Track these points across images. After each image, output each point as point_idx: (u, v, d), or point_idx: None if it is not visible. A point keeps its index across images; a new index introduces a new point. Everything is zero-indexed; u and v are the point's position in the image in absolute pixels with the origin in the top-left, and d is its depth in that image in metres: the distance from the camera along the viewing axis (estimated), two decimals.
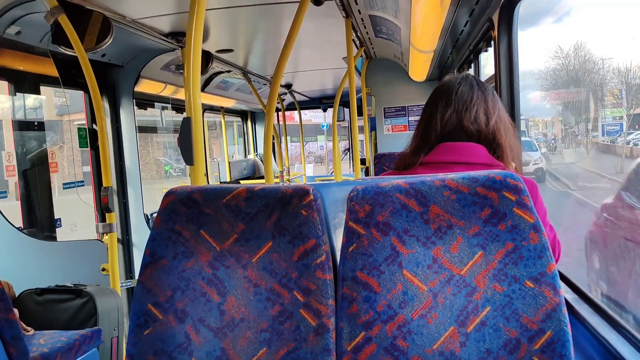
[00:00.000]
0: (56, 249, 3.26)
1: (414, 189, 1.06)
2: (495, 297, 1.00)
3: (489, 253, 1.02)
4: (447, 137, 1.42)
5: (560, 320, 0.97)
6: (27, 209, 3.44)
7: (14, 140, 3.43)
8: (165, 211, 1.16)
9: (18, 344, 1.92)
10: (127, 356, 1.13)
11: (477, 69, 3.34)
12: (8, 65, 3.27)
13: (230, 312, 1.10)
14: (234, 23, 3.52)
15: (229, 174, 7.38)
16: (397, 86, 5.60)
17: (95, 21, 2.79)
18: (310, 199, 1.09)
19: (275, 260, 1.10)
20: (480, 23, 2.71)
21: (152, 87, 4.50)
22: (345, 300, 1.05)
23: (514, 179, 1.03)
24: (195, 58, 1.53)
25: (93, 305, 2.65)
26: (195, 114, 1.51)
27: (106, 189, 2.96)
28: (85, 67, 2.75)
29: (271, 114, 2.51)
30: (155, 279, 1.13)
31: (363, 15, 3.45)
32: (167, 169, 17.61)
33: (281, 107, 7.69)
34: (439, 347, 1.00)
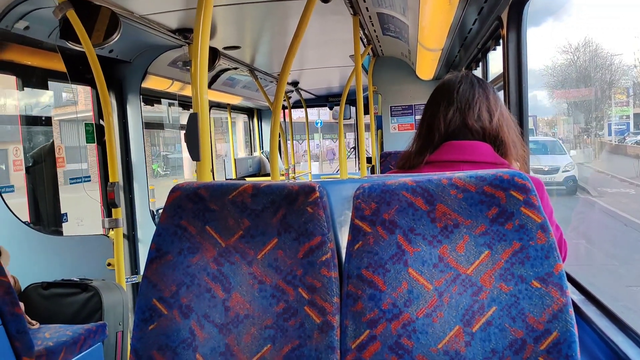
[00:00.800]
0: (62, 243, 3.27)
1: (421, 187, 1.05)
2: (501, 296, 0.99)
3: (495, 252, 1.01)
4: (452, 136, 1.41)
5: (566, 321, 0.96)
6: (33, 203, 3.45)
7: (21, 134, 3.45)
8: (171, 207, 1.16)
9: (23, 337, 1.93)
10: (132, 351, 1.13)
11: (485, 67, 3.32)
12: (16, 60, 3.28)
13: (235, 309, 1.10)
14: (241, 20, 3.52)
15: (234, 171, 7.39)
16: (404, 84, 5.59)
17: (103, 17, 2.80)
18: (316, 196, 1.09)
19: (280, 257, 1.10)
20: (489, 21, 2.70)
21: (159, 84, 4.51)
22: (350, 298, 1.05)
23: (522, 178, 1.02)
24: (202, 54, 1.53)
25: (98, 300, 2.66)
26: (202, 110, 1.51)
27: (112, 184, 2.97)
28: (93, 62, 2.76)
29: (278, 112, 2.50)
30: (160, 274, 1.14)
31: (371, 13, 3.44)
32: (154, 167, 17.19)
33: (287, 104, 7.69)
34: (444, 346, 1.00)
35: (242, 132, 8.55)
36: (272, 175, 2.53)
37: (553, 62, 7.95)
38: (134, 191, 3.98)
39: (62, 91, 4.94)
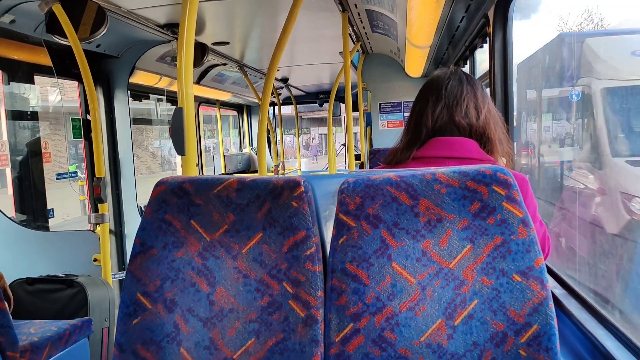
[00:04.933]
0: (48, 239, 3.25)
1: (405, 182, 1.06)
2: (483, 290, 1.01)
3: (477, 247, 1.02)
4: (439, 132, 1.42)
5: (547, 314, 0.98)
6: (19, 198, 3.42)
7: (6, 129, 3.42)
8: (155, 201, 1.16)
9: (8, 332, 1.91)
10: (116, 345, 1.13)
11: (472, 65, 3.34)
12: (2, 54, 3.25)
13: (220, 303, 1.10)
14: (230, 15, 3.51)
15: (223, 167, 7.37)
16: (393, 82, 5.60)
17: (90, 11, 2.77)
18: (301, 190, 1.09)
19: (265, 252, 1.10)
20: (476, 19, 2.71)
21: (147, 79, 4.48)
22: (334, 292, 1.05)
23: (504, 174, 1.03)
24: (187, 48, 1.52)
25: (84, 296, 2.65)
26: (187, 105, 1.50)
27: (99, 179, 2.95)
28: (80, 57, 2.73)
29: (265, 108, 2.50)
30: (144, 268, 1.13)
31: (359, 10, 3.44)
32: (71, 169, 16.73)
33: (277, 101, 7.67)
34: (427, 339, 1.01)
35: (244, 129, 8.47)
36: (259, 172, 2.53)
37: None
38: (120, 187, 3.96)
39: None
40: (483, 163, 1.30)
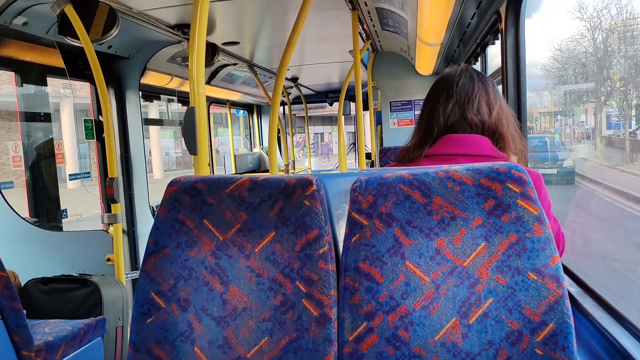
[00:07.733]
0: (62, 239, 3.28)
1: (418, 180, 1.05)
2: (498, 288, 1.00)
3: (492, 245, 1.01)
4: (451, 130, 1.41)
5: (563, 313, 0.96)
6: (33, 199, 3.46)
7: (20, 130, 3.45)
8: (168, 200, 1.16)
9: (23, 331, 1.93)
10: (130, 344, 1.13)
11: (484, 62, 3.32)
12: (15, 56, 3.28)
13: (233, 302, 1.10)
14: (240, 15, 3.51)
15: (234, 166, 7.39)
16: (403, 80, 5.58)
17: (102, 12, 2.79)
18: (314, 189, 1.09)
19: (277, 251, 1.10)
20: (487, 15, 2.69)
21: (159, 80, 4.51)
22: (347, 290, 1.05)
23: (519, 171, 1.02)
24: (199, 48, 1.52)
25: (98, 295, 2.67)
26: (199, 104, 1.51)
27: (112, 179, 2.97)
28: (92, 58, 2.75)
29: (276, 107, 2.50)
30: (158, 267, 1.14)
31: (369, 8, 3.43)
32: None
33: (287, 100, 7.68)
34: (441, 338, 1.00)
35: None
36: (271, 171, 2.53)
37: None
38: (133, 187, 3.99)
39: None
40: (496, 160, 1.29)
